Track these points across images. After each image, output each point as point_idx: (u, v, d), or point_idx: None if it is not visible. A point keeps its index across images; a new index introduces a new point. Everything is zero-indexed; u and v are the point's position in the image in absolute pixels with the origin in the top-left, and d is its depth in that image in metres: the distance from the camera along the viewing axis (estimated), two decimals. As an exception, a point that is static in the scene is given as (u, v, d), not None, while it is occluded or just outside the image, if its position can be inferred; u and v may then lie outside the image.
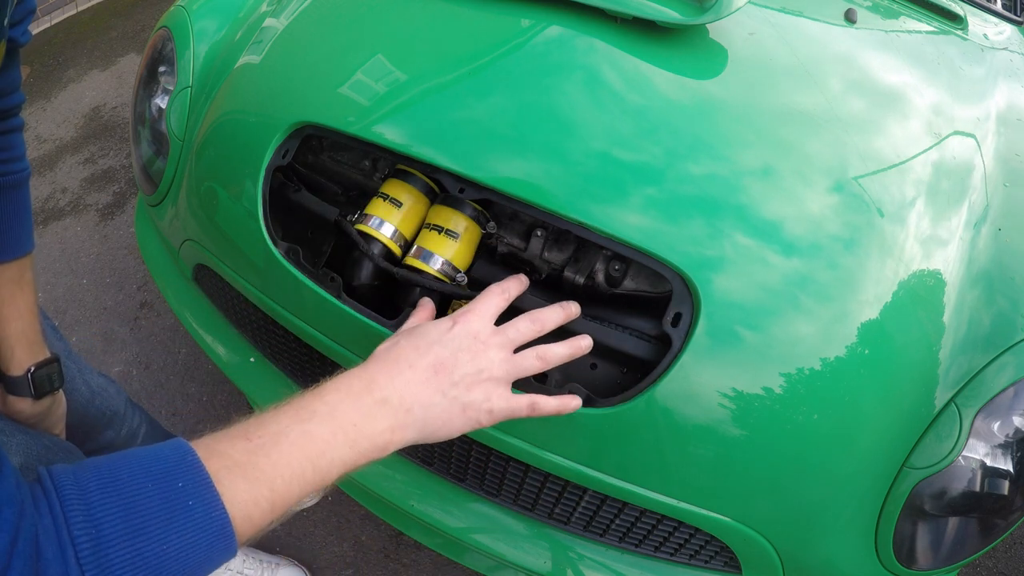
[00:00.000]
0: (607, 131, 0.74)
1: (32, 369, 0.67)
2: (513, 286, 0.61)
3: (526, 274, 0.77)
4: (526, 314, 0.57)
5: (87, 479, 0.35)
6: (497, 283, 0.61)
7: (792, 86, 0.84)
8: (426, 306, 0.64)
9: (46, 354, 0.69)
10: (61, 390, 0.73)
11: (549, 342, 0.57)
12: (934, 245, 0.74)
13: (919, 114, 0.87)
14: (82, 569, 0.32)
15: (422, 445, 0.83)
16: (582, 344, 0.58)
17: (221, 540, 0.37)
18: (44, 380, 0.68)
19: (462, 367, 0.51)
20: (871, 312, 0.68)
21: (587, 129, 0.74)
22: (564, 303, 0.61)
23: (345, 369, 0.50)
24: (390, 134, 0.75)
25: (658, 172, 0.72)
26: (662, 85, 0.80)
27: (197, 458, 0.38)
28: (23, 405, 0.67)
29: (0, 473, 0.32)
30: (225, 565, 1.17)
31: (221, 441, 0.41)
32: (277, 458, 0.41)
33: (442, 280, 0.71)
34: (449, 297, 0.72)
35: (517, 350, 0.55)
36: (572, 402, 0.58)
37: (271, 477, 0.40)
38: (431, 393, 0.49)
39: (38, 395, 0.68)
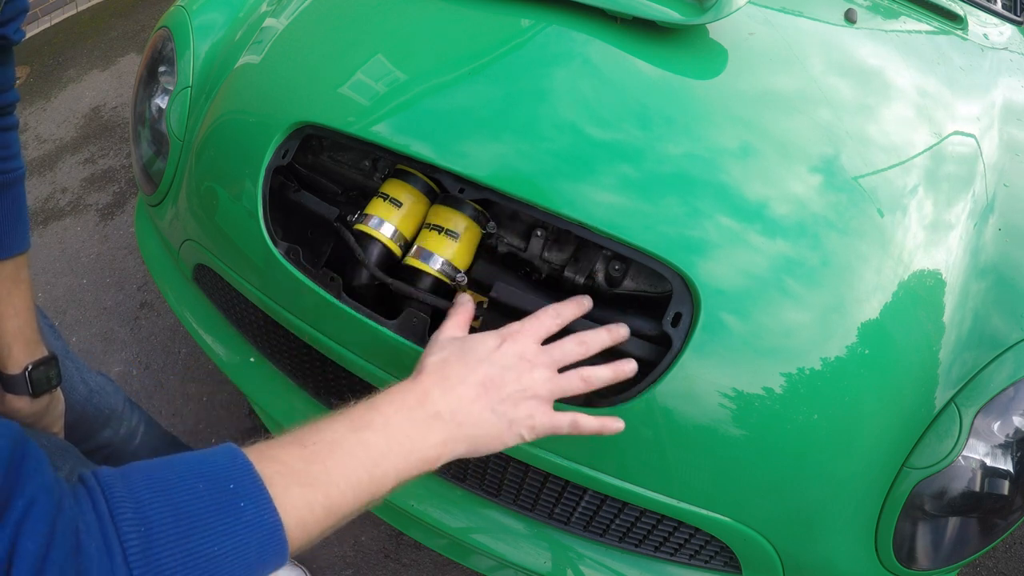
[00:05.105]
0: (610, 131, 0.74)
1: (29, 367, 0.67)
2: (569, 310, 0.61)
3: (525, 274, 0.78)
4: (573, 336, 0.58)
5: (134, 478, 0.34)
6: (554, 305, 0.61)
7: (792, 86, 0.84)
8: (466, 308, 0.63)
9: (43, 352, 0.69)
10: (59, 388, 0.73)
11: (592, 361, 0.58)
12: (935, 246, 0.74)
13: (920, 114, 0.87)
14: (130, 567, 0.31)
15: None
16: (626, 368, 0.59)
17: (272, 544, 0.36)
18: (41, 378, 0.68)
19: (509, 385, 0.52)
20: (871, 312, 0.68)
21: (588, 129, 0.74)
22: (612, 327, 0.61)
23: (364, 398, 0.49)
24: (390, 134, 0.75)
25: (659, 171, 0.72)
26: (664, 85, 0.80)
27: (248, 461, 0.38)
28: (21, 404, 0.67)
29: (38, 466, 0.32)
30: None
31: (274, 447, 0.41)
32: (332, 465, 0.41)
33: (440, 281, 0.71)
34: (448, 296, 0.72)
35: (562, 370, 0.56)
36: (614, 424, 0.58)
37: (326, 483, 0.40)
38: (481, 409, 0.50)
39: (35, 393, 0.68)
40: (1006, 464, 0.68)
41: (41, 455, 0.33)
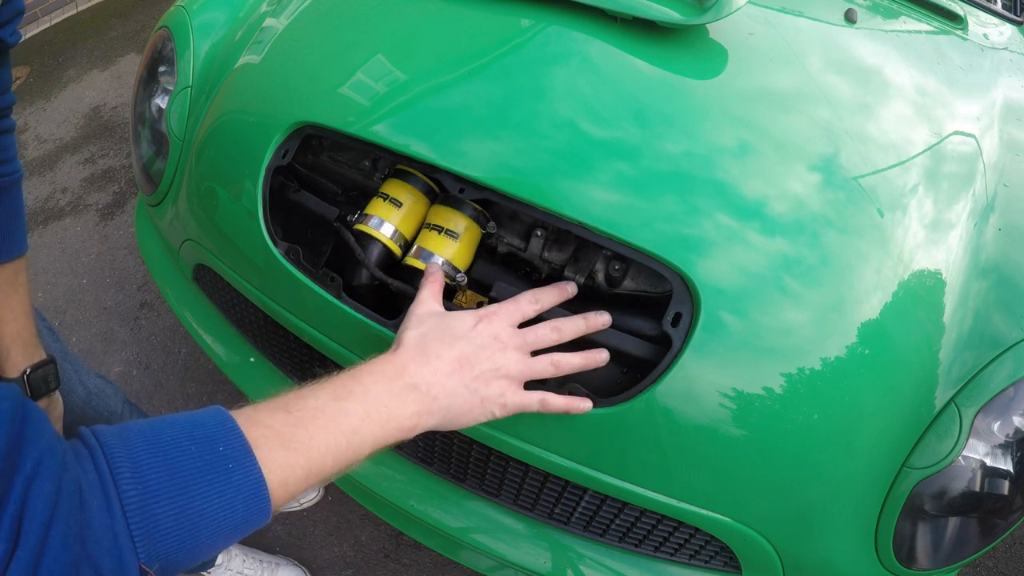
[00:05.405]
0: (610, 131, 0.74)
1: (28, 371, 0.67)
2: (548, 296, 0.63)
3: (526, 274, 0.78)
4: (548, 322, 0.61)
5: (132, 439, 0.36)
6: (534, 290, 0.63)
7: (792, 86, 0.84)
8: (437, 277, 0.65)
9: (42, 355, 0.69)
10: (57, 391, 0.72)
11: (567, 350, 0.60)
12: (935, 245, 0.75)
13: (919, 113, 0.87)
14: (128, 522, 0.33)
15: (423, 443, 0.83)
16: (598, 358, 0.61)
17: (257, 503, 0.39)
18: (40, 382, 0.68)
19: (483, 363, 0.55)
20: (871, 311, 0.68)
21: (588, 129, 0.74)
22: (589, 314, 0.63)
23: (346, 368, 0.52)
24: (390, 134, 0.75)
25: (659, 171, 0.72)
26: (664, 84, 0.80)
27: (237, 425, 0.40)
28: None
29: (41, 428, 0.33)
30: (225, 565, 1.17)
31: (261, 412, 0.43)
32: (314, 431, 0.44)
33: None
34: (449, 297, 0.72)
35: (536, 353, 0.59)
36: (581, 404, 0.61)
37: (308, 447, 0.43)
38: (455, 384, 0.53)
39: (34, 397, 0.68)
40: (1006, 464, 0.68)
41: (42, 416, 0.34)
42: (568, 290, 0.65)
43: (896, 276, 0.70)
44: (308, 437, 0.43)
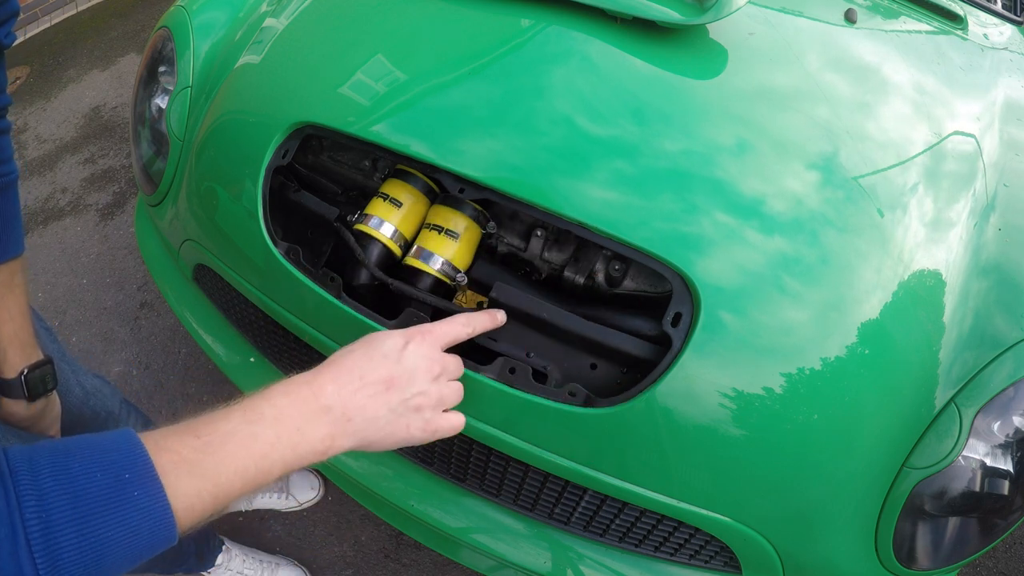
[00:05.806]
0: (611, 131, 0.74)
1: (25, 371, 0.67)
2: (480, 321, 0.63)
3: (525, 274, 0.78)
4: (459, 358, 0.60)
5: (40, 465, 0.37)
6: (467, 313, 0.63)
7: (792, 85, 0.84)
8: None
9: (39, 356, 0.69)
10: (55, 391, 0.72)
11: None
12: (935, 245, 0.75)
13: (919, 112, 0.87)
14: (31, 551, 0.34)
15: (423, 444, 0.83)
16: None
17: (162, 530, 0.39)
18: (37, 382, 0.68)
19: (412, 386, 0.54)
20: (871, 311, 0.68)
21: (589, 129, 0.74)
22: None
23: (262, 387, 0.51)
24: (390, 134, 0.75)
25: (660, 172, 0.72)
26: (664, 84, 0.80)
27: (145, 451, 0.40)
28: (17, 408, 0.67)
29: None
30: (225, 565, 1.17)
31: (170, 437, 0.43)
32: (223, 456, 0.44)
33: (440, 281, 0.71)
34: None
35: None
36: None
37: (216, 473, 0.43)
38: (376, 407, 0.52)
39: (32, 397, 0.68)
40: (1006, 464, 0.68)
41: None
42: (499, 318, 0.66)
43: (896, 276, 0.70)
44: (216, 463, 0.43)
